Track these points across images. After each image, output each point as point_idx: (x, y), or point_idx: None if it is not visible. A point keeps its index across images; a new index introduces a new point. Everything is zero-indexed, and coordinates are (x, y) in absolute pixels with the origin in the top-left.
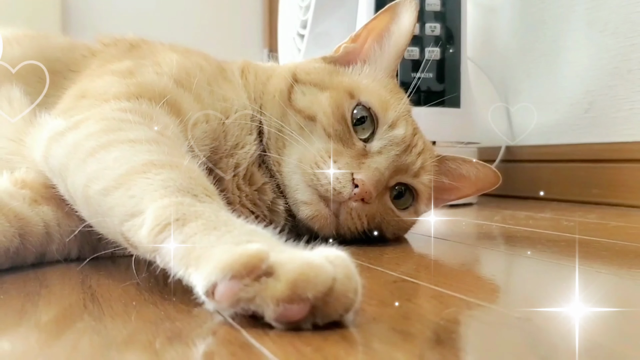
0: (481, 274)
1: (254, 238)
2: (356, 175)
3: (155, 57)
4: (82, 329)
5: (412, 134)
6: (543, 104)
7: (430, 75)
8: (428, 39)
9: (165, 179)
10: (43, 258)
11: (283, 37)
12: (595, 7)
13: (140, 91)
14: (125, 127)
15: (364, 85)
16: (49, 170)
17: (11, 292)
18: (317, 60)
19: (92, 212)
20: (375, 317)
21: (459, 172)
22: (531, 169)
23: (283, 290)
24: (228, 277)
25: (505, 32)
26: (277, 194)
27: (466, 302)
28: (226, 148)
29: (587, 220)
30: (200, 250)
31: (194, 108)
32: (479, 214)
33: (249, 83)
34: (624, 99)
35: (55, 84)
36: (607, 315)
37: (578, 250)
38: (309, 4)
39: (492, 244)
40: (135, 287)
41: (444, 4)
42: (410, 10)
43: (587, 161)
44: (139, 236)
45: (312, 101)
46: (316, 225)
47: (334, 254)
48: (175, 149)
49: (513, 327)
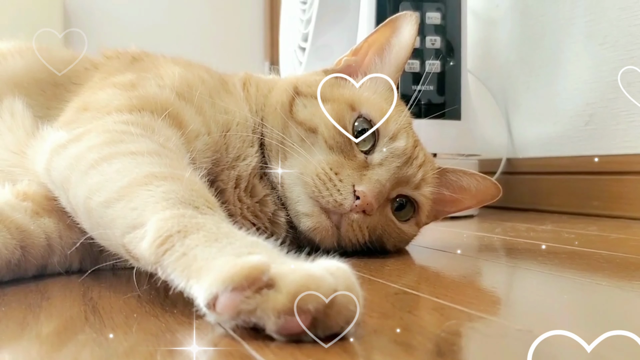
0: (482, 286)
1: (255, 250)
2: (357, 187)
3: (157, 70)
4: (83, 341)
5: (413, 146)
6: (543, 117)
7: (430, 87)
8: (428, 51)
9: (167, 191)
10: (44, 270)
11: (284, 50)
12: (595, 20)
13: (142, 104)
14: (127, 139)
15: (365, 98)
16: (50, 183)
17: (12, 304)
18: (318, 72)
19: (93, 224)
20: (377, 329)
21: (460, 185)
22: (532, 181)
23: (284, 302)
24: (229, 289)
25: (505, 44)
26: (279, 205)
27: (467, 314)
28: (227, 160)
29: (587, 232)
30: (201, 262)
31: (196, 120)
32: (479, 225)
33: (251, 95)
34: (624, 111)
35: (58, 97)
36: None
37: (578, 262)
38: (310, 17)
39: (493, 256)
40: (136, 299)
41: (444, 17)
42: (411, 23)
43: (588, 173)
44: (140, 248)
45: (313, 113)
46: (317, 237)
47: (335, 266)
48: (177, 161)
49: (514, 339)
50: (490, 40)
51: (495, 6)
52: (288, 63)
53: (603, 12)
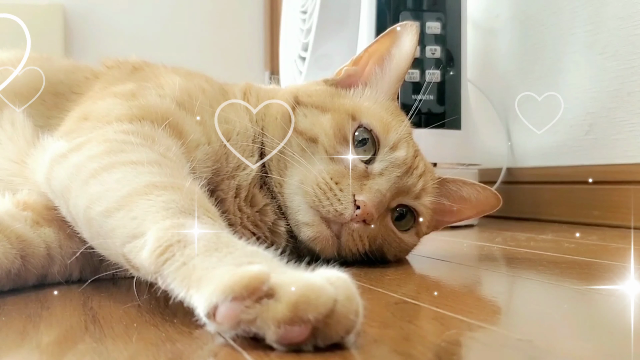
0: (482, 295)
1: (255, 259)
2: (358, 196)
3: (157, 80)
4: (83, 351)
5: (413, 156)
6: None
7: (431, 97)
8: (429, 61)
9: (167, 200)
10: (44, 280)
11: (284, 60)
12: (595, 29)
13: (143, 113)
14: (128, 149)
15: (366, 108)
16: (51, 192)
17: (12, 314)
18: (319, 82)
19: (93, 234)
20: (377, 339)
21: (460, 195)
22: (532, 191)
23: (284, 312)
24: (229, 298)
25: (505, 54)
26: (279, 215)
27: (467, 324)
28: (228, 170)
29: (588, 241)
30: (201, 272)
31: (196, 130)
32: (480, 235)
33: (251, 105)
34: (624, 121)
35: (58, 106)
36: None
37: (579, 271)
38: (310, 27)
39: (493, 266)
40: (136, 309)
41: (445, 26)
42: (412, 33)
43: (588, 183)
44: (140, 258)
45: (313, 123)
46: (318, 246)
47: (335, 276)
48: (177, 171)
49: (514, 349)
50: (490, 50)
51: (496, 16)
52: (288, 73)
53: (603, 21)
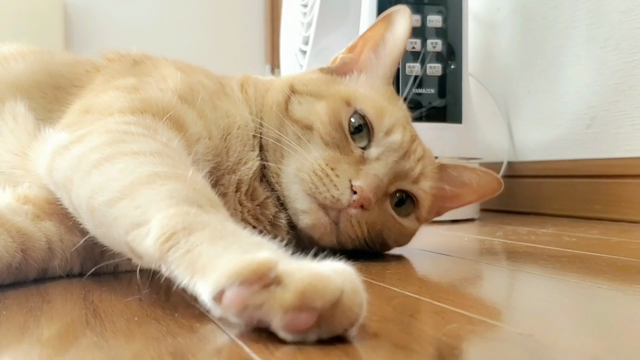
0: (483, 289)
1: (261, 248)
2: (354, 182)
3: (159, 73)
4: (84, 345)
5: (410, 140)
6: (544, 120)
7: (431, 91)
8: (430, 54)
9: (171, 189)
10: (45, 273)
11: (285, 53)
12: (596, 23)
13: (144, 106)
14: (129, 139)
15: (361, 94)
16: (52, 184)
17: (13, 308)
18: (315, 71)
19: (96, 224)
20: (378, 333)
21: (461, 180)
22: (533, 185)
23: (291, 299)
24: (237, 283)
25: (506, 48)
26: (279, 207)
27: (468, 318)
28: (228, 164)
29: (589, 236)
30: (206, 259)
31: (197, 124)
32: (480, 229)
33: (249, 97)
34: (626, 114)
35: (59, 100)
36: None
37: (580, 265)
38: (311, 20)
39: (494, 260)
40: (137, 303)
41: (446, 20)
42: (405, 18)
43: (589, 177)
44: (144, 245)
45: (309, 110)
46: (316, 234)
47: (341, 268)
48: (180, 161)
49: (515, 343)
50: (491, 44)
51: (497, 10)
52: (289, 66)
53: (604, 15)
